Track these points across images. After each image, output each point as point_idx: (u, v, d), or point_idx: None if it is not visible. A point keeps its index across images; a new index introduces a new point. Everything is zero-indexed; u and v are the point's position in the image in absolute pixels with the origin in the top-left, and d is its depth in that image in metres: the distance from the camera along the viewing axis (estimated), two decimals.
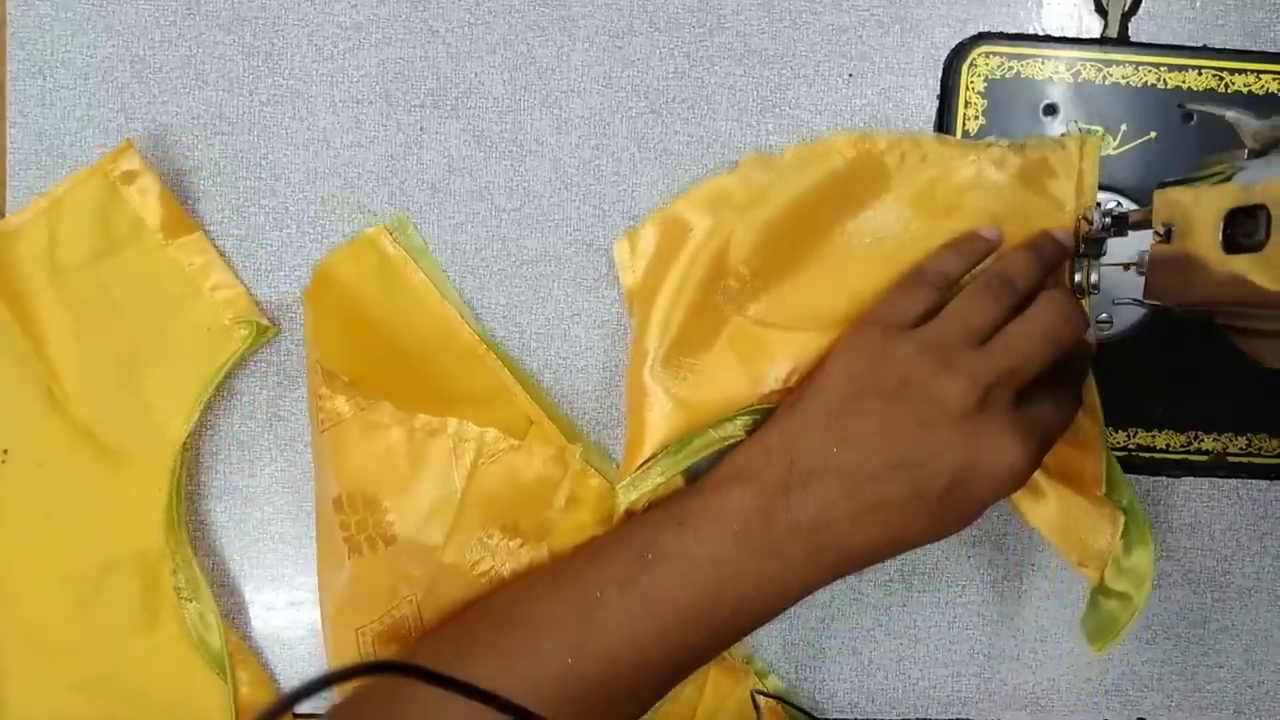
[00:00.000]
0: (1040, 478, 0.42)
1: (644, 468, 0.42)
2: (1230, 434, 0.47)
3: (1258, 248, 0.33)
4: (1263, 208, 0.33)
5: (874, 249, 0.42)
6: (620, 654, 0.37)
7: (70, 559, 0.45)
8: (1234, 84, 0.46)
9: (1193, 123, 0.45)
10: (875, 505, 0.36)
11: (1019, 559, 0.48)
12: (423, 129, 0.46)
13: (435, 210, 0.46)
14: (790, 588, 0.37)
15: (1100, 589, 0.42)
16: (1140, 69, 0.45)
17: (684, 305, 0.42)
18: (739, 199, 0.43)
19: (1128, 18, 0.46)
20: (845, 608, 0.48)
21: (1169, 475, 0.48)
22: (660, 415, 0.42)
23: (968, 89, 0.46)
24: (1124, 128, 0.45)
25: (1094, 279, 0.42)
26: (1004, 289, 0.38)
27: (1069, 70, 0.45)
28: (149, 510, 0.44)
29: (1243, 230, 0.34)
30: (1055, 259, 0.41)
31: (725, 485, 0.38)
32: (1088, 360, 0.41)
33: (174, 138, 0.46)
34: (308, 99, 0.46)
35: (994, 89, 0.46)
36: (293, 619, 0.47)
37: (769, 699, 0.46)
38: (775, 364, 0.41)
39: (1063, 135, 0.44)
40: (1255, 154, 0.36)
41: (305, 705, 0.41)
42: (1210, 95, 0.45)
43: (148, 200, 0.45)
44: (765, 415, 0.41)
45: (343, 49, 0.46)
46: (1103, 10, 0.46)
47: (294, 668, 0.47)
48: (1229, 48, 0.46)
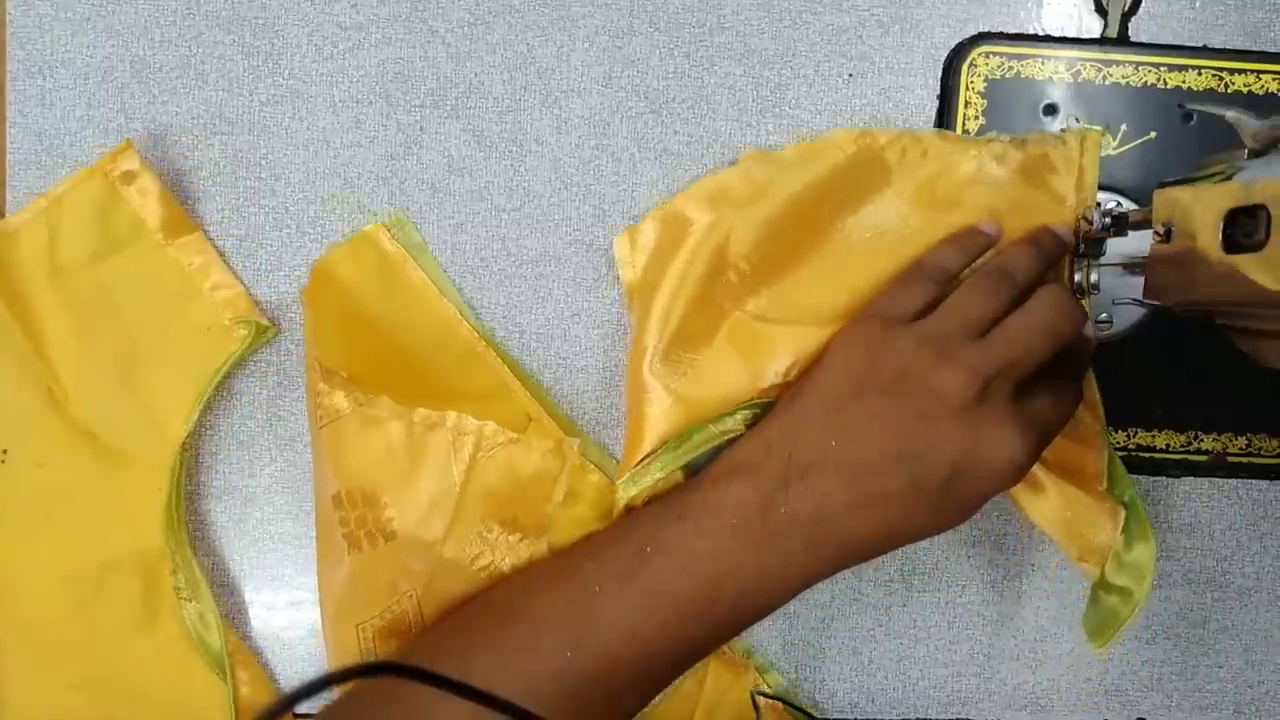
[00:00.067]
0: (1040, 472, 0.42)
1: (643, 463, 0.42)
2: (1230, 434, 0.47)
3: (1258, 247, 0.33)
4: (1263, 207, 0.33)
5: (874, 244, 0.42)
6: (619, 648, 0.37)
7: (70, 559, 0.45)
8: (1234, 84, 0.46)
9: (1193, 123, 0.45)
10: (874, 498, 0.36)
11: (1019, 559, 0.48)
12: (423, 129, 0.46)
13: (435, 210, 0.46)
14: (790, 581, 0.37)
15: (1101, 585, 0.42)
16: (1140, 69, 0.45)
17: (684, 301, 0.42)
18: (739, 195, 0.43)
19: (1128, 18, 0.46)
20: (845, 608, 0.48)
21: (1169, 475, 0.48)
22: (660, 411, 0.41)
23: (968, 89, 0.46)
24: (1124, 128, 0.45)
25: (1094, 279, 0.42)
26: (1003, 282, 0.38)
27: (1069, 70, 0.45)
28: (149, 510, 0.44)
29: (1243, 230, 0.34)
30: (1055, 254, 0.41)
31: (724, 479, 0.38)
32: (1088, 355, 0.41)
33: (174, 138, 0.46)
34: (307, 99, 0.46)
35: (994, 89, 0.46)
36: (293, 619, 0.47)
37: (769, 699, 0.46)
38: (775, 359, 0.41)
39: (1063, 130, 0.44)
40: (1255, 154, 0.36)
41: (305, 705, 0.41)
42: (1210, 95, 0.45)
43: (147, 200, 0.45)
44: (765, 409, 0.41)
45: (343, 49, 0.46)
46: (1103, 10, 0.46)
47: (294, 668, 0.47)
48: (1229, 48, 0.46)
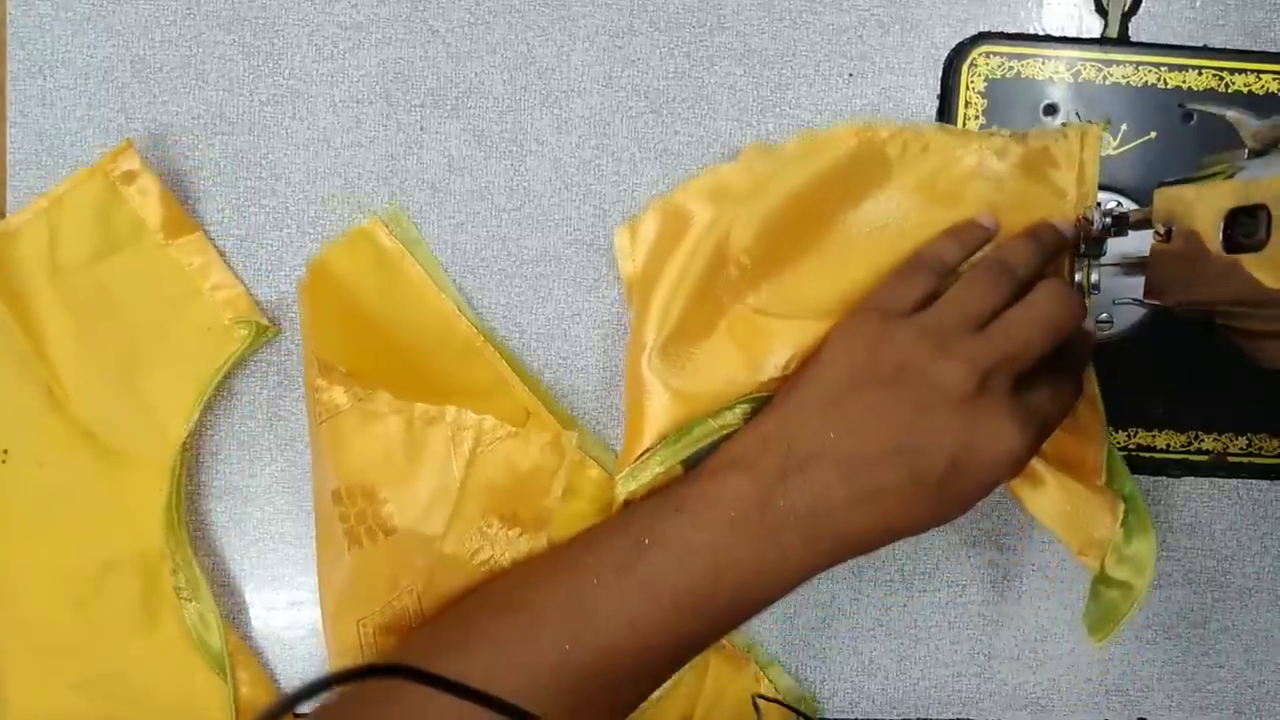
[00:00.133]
0: (1040, 465, 0.42)
1: (642, 458, 0.41)
2: (1231, 434, 0.47)
3: (1258, 247, 0.33)
4: (1263, 207, 0.33)
5: (875, 238, 0.42)
6: (618, 641, 0.37)
7: (70, 559, 0.45)
8: (1234, 84, 0.46)
9: (1193, 122, 0.45)
10: (873, 491, 0.36)
11: (1019, 559, 0.48)
12: (423, 129, 0.46)
13: (435, 210, 0.46)
14: (788, 574, 0.37)
15: (1101, 578, 0.42)
16: (1140, 69, 0.45)
17: (684, 294, 0.42)
18: (740, 189, 0.43)
19: (1128, 17, 0.46)
20: (846, 608, 0.48)
21: (1169, 475, 0.48)
22: (659, 406, 0.41)
23: (968, 89, 0.46)
24: (1124, 127, 0.45)
25: (1094, 279, 0.42)
26: (1004, 276, 0.38)
27: (1069, 70, 0.45)
28: (149, 510, 0.44)
29: (1243, 230, 0.34)
30: (1055, 248, 0.41)
31: (722, 472, 0.38)
32: (1088, 349, 0.41)
33: (174, 138, 0.46)
34: (308, 99, 0.46)
35: (994, 89, 0.46)
36: (293, 619, 0.47)
37: (770, 702, 0.46)
38: (774, 352, 0.41)
39: (1064, 125, 0.44)
40: (1255, 153, 0.35)
41: (306, 705, 0.41)
42: (1210, 95, 0.45)
43: (148, 200, 0.45)
44: (764, 403, 0.41)
45: (343, 49, 0.46)
46: (1103, 10, 0.46)
47: (294, 668, 0.47)
48: (1229, 47, 0.46)
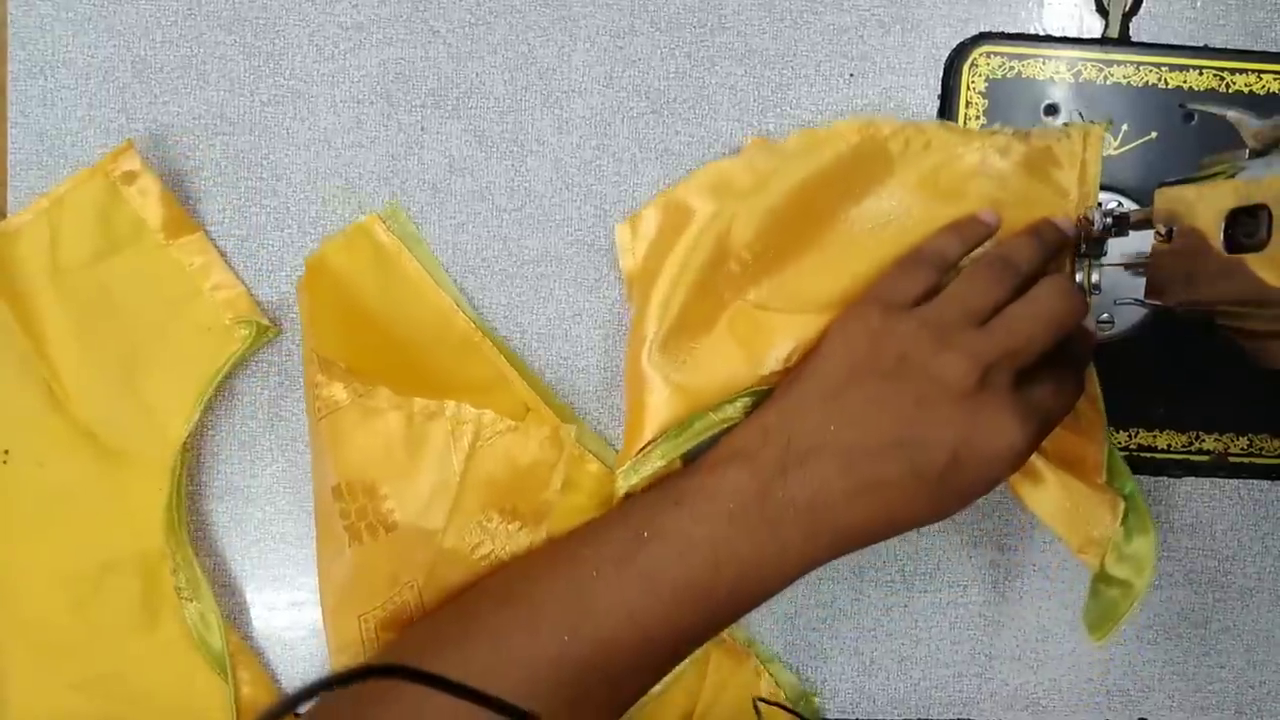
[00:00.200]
0: (1040, 463, 0.42)
1: (644, 452, 0.41)
2: (1232, 434, 0.47)
3: (1259, 247, 0.33)
4: (1264, 207, 0.33)
5: (876, 234, 0.42)
6: (617, 634, 0.36)
7: (71, 559, 0.45)
8: (1235, 84, 0.46)
9: (1194, 123, 0.45)
10: (873, 484, 0.36)
11: (1020, 560, 0.48)
12: (424, 129, 0.46)
13: (436, 210, 0.46)
14: (787, 566, 0.37)
15: (1101, 576, 0.42)
16: (1141, 69, 0.45)
17: (684, 289, 0.42)
18: (742, 184, 0.43)
19: (1129, 18, 0.46)
20: (847, 608, 0.48)
21: (1170, 475, 0.48)
22: (659, 400, 0.41)
23: (969, 89, 0.45)
24: (1125, 128, 0.45)
25: (1095, 279, 0.42)
26: (1006, 271, 0.38)
27: (1070, 70, 0.45)
28: (149, 510, 0.44)
29: (1244, 230, 0.34)
30: (1057, 245, 0.41)
31: (722, 465, 0.38)
32: (1089, 346, 0.41)
33: (175, 138, 0.46)
34: (309, 99, 0.46)
35: (995, 89, 0.46)
36: (294, 619, 0.47)
37: (771, 706, 0.46)
38: (775, 346, 0.41)
39: (1066, 125, 0.44)
40: (1256, 154, 0.35)
41: (307, 705, 0.41)
42: (1211, 95, 0.45)
43: (148, 200, 0.45)
44: (764, 396, 0.41)
45: (344, 49, 0.46)
46: (1104, 10, 0.46)
47: (295, 668, 0.47)
48: (1230, 48, 0.46)
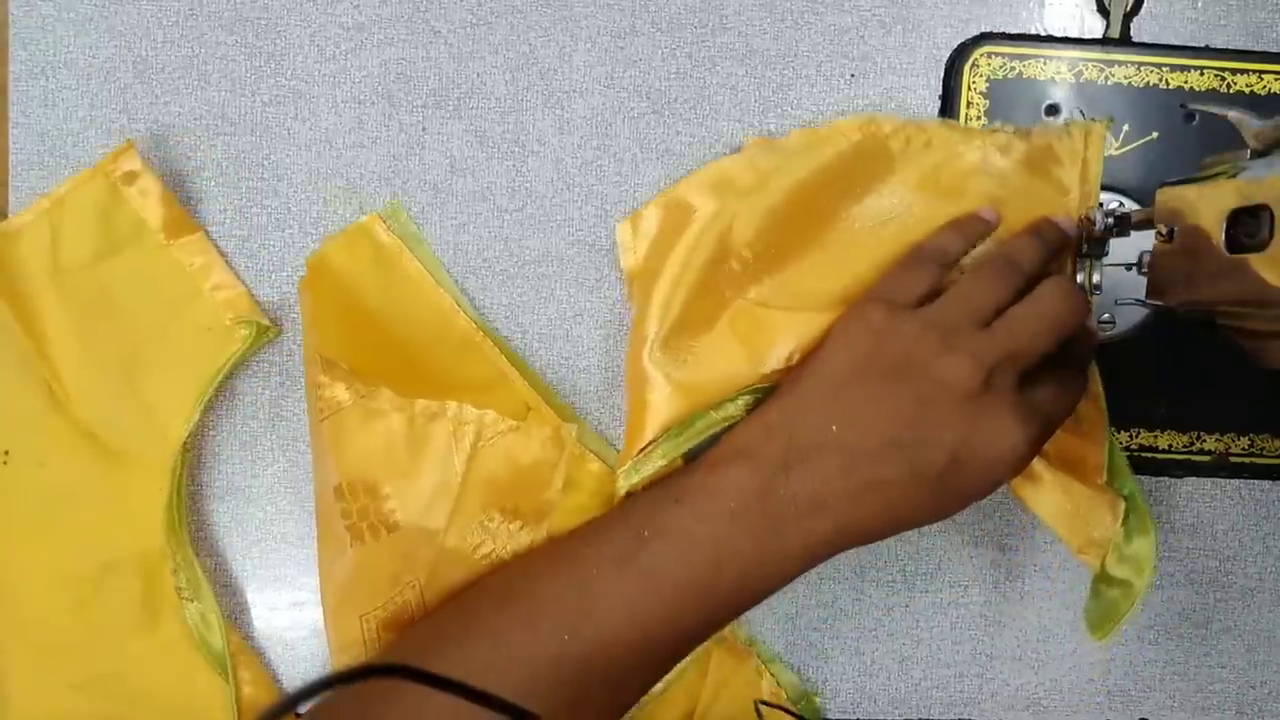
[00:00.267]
0: (1040, 464, 0.42)
1: (645, 451, 0.41)
2: (1233, 434, 0.47)
3: (1260, 248, 0.33)
4: (1265, 208, 0.33)
5: (877, 232, 0.42)
6: (618, 633, 0.36)
7: (71, 559, 0.45)
8: (1236, 84, 0.46)
9: (1195, 123, 0.45)
10: (874, 484, 0.36)
11: (1021, 560, 0.48)
12: (425, 129, 0.46)
13: (437, 210, 0.46)
14: (788, 564, 0.37)
15: (1101, 577, 0.42)
16: (1142, 69, 0.45)
17: (685, 288, 0.42)
18: (743, 182, 0.43)
19: (1130, 18, 0.46)
20: (848, 608, 0.48)
21: (1171, 475, 0.48)
22: (660, 398, 0.41)
23: (970, 89, 0.45)
24: (1126, 128, 0.45)
25: (1096, 279, 0.42)
26: (1009, 271, 0.38)
27: (1071, 70, 0.45)
28: (150, 510, 0.44)
29: (1245, 230, 0.34)
30: (1059, 245, 0.41)
31: (724, 463, 0.38)
32: (1091, 346, 0.41)
33: (176, 138, 0.46)
34: (310, 99, 0.46)
35: (996, 89, 0.46)
36: (295, 619, 0.47)
37: (773, 709, 0.46)
38: (777, 345, 0.41)
39: (1067, 123, 0.44)
40: (1257, 154, 0.35)
41: (307, 705, 0.41)
42: (1212, 95, 0.45)
43: (148, 201, 0.45)
44: (766, 394, 0.41)
45: (345, 49, 0.46)
46: (1105, 10, 0.46)
47: (296, 668, 0.47)
48: (1231, 48, 0.46)
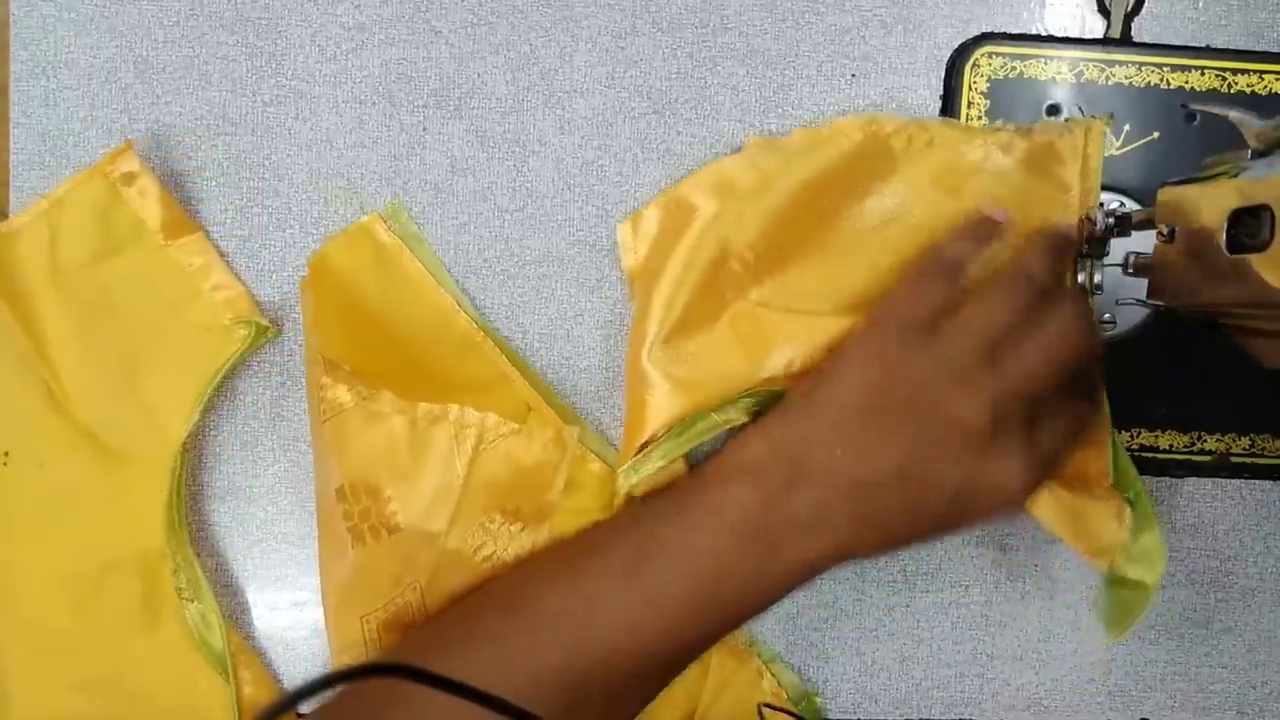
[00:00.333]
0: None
1: (645, 451, 0.41)
2: (1234, 434, 0.47)
3: (1262, 248, 0.33)
4: (1266, 208, 0.33)
5: (881, 232, 0.42)
6: (620, 644, 0.37)
7: (71, 559, 0.45)
8: (1237, 84, 0.45)
9: (1196, 123, 0.45)
10: (875, 511, 0.36)
11: (1022, 560, 0.48)
12: (425, 129, 0.46)
13: (438, 210, 0.46)
14: (786, 579, 0.37)
15: (1113, 578, 0.42)
16: (1143, 69, 0.45)
17: (686, 288, 0.42)
18: (744, 183, 0.43)
19: (1130, 18, 0.46)
20: (848, 608, 0.48)
21: (1172, 476, 0.47)
22: (660, 397, 0.41)
23: (971, 89, 0.45)
24: (1127, 128, 0.45)
25: (1097, 279, 0.42)
26: (1022, 289, 0.38)
27: (1072, 70, 0.45)
28: (150, 510, 0.44)
29: (1246, 230, 0.34)
30: (1069, 252, 0.41)
31: (727, 478, 0.38)
32: (1101, 365, 0.41)
33: (177, 138, 0.46)
34: (311, 99, 0.46)
35: (997, 89, 0.45)
36: (296, 619, 0.47)
37: (776, 711, 0.46)
38: (777, 348, 0.41)
39: (1068, 121, 0.44)
40: (1259, 154, 0.35)
41: (307, 705, 0.41)
42: (1213, 95, 0.45)
43: (147, 201, 0.45)
44: (768, 399, 0.41)
45: (346, 49, 0.46)
46: (1105, 10, 0.46)
47: (297, 668, 0.47)
48: (1232, 48, 0.46)
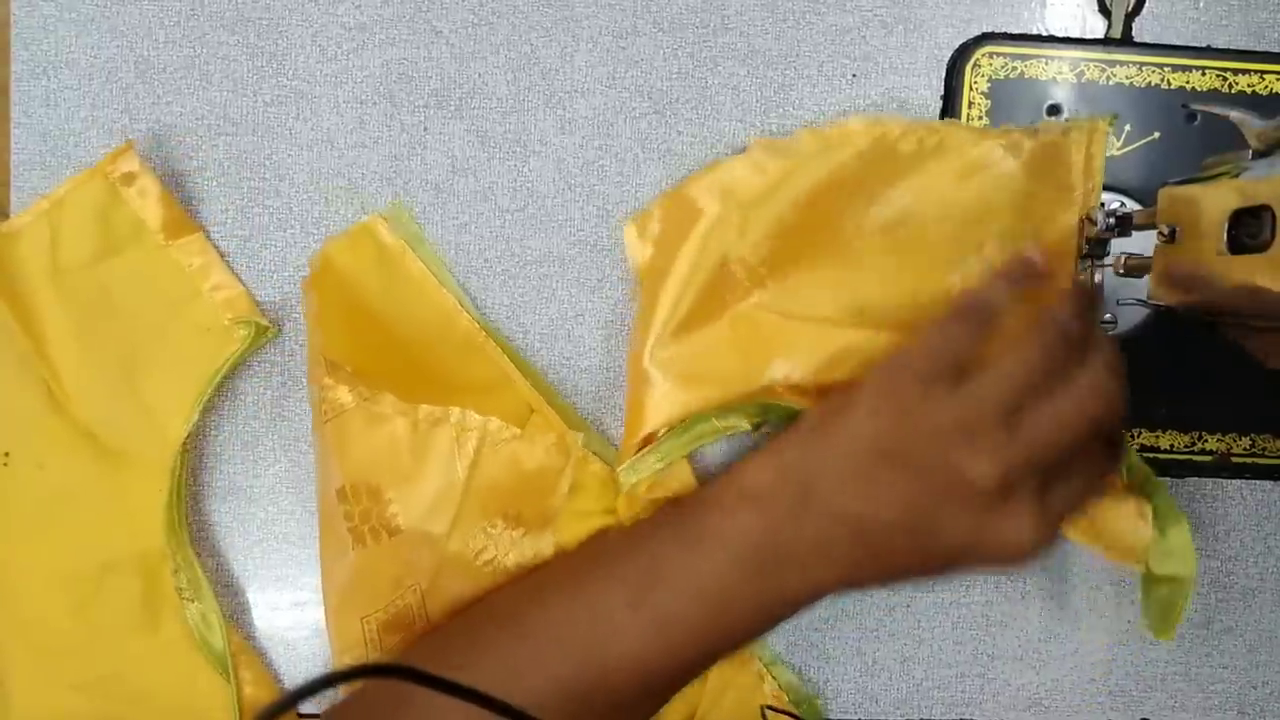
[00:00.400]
0: None
1: (644, 450, 0.42)
2: (1234, 434, 0.47)
3: (1262, 248, 0.33)
4: (1267, 208, 0.33)
5: (885, 238, 0.42)
6: (624, 666, 0.37)
7: (71, 560, 0.45)
8: (1238, 84, 0.45)
9: (1196, 123, 0.45)
10: (879, 552, 0.36)
11: None
12: (426, 129, 0.46)
13: (439, 210, 0.46)
14: (789, 607, 0.38)
15: (1149, 576, 0.42)
16: (1144, 69, 0.45)
17: (690, 289, 0.42)
18: (748, 187, 0.43)
19: (1131, 18, 0.46)
20: (849, 608, 0.48)
21: (1173, 476, 0.47)
22: (659, 395, 0.42)
23: (971, 89, 0.45)
24: (1128, 128, 0.45)
25: (1098, 279, 0.42)
26: (1055, 348, 0.36)
27: (1073, 70, 0.45)
28: (150, 511, 0.44)
29: (1247, 231, 0.34)
30: (1096, 303, 0.40)
31: (735, 504, 0.38)
32: (1122, 429, 0.40)
33: (178, 138, 0.46)
34: (312, 99, 0.46)
35: (998, 89, 0.45)
36: (297, 619, 0.47)
37: (778, 713, 0.46)
38: (777, 356, 0.41)
39: (1072, 120, 0.44)
40: (1259, 154, 0.35)
41: (308, 705, 0.41)
42: (1214, 96, 0.45)
43: (147, 201, 0.45)
44: (770, 408, 0.41)
45: (347, 49, 0.46)
46: (1106, 10, 0.46)
47: (298, 667, 0.47)
48: (1233, 48, 0.46)
